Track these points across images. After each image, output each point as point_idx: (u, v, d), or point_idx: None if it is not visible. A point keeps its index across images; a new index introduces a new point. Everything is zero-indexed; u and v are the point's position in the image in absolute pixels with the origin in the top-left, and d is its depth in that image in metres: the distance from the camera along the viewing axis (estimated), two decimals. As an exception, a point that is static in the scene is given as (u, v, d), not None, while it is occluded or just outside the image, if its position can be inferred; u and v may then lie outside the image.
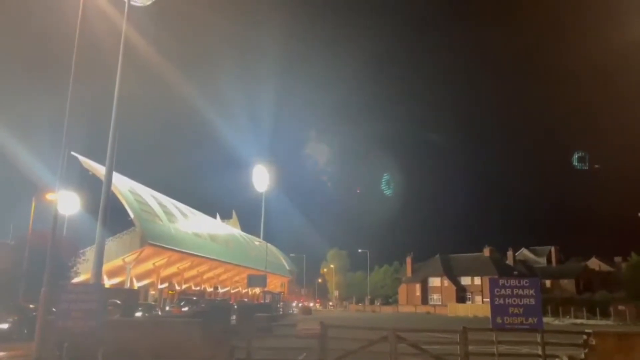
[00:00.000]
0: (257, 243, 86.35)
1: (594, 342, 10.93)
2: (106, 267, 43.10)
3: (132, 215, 50.49)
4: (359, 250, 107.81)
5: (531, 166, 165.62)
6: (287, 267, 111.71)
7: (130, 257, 50.72)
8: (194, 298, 46.17)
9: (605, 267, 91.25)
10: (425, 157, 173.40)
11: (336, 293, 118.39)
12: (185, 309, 38.14)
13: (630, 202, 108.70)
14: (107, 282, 49.86)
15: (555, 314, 52.31)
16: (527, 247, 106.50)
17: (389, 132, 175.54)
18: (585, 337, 11.23)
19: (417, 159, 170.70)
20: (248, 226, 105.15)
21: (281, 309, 55.00)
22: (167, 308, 43.71)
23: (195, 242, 64.54)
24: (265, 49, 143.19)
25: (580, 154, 35.27)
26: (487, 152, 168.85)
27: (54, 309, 13.64)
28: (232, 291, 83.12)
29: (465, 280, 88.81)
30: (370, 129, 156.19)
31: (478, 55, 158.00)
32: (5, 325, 22.19)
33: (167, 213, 60.81)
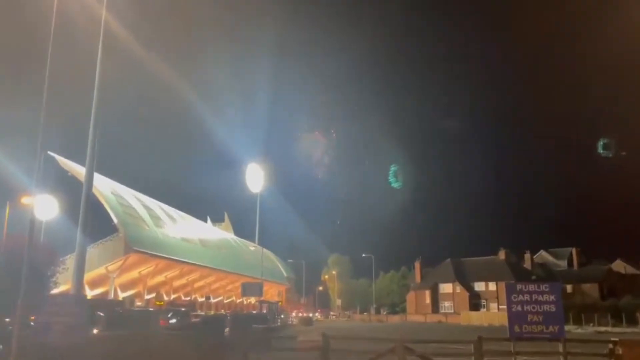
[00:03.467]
0: (251, 248, 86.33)
1: (620, 352, 10.95)
2: (88, 276, 43.08)
3: (115, 219, 50.49)
4: (363, 255, 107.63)
5: (550, 161, 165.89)
6: (285, 274, 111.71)
7: (113, 266, 50.70)
8: (183, 309, 46.03)
9: (631, 270, 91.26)
10: (434, 151, 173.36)
11: (338, 302, 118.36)
12: (173, 321, 38.01)
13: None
14: (89, 293, 49.83)
15: (577, 322, 52.40)
16: (545, 249, 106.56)
17: (393, 127, 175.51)
18: (611, 346, 11.24)
19: (426, 153, 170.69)
20: (242, 230, 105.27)
21: (279, 320, 55.04)
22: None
23: (185, 248, 64.58)
24: (260, 42, 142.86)
25: (605, 141, 35.50)
26: (502, 145, 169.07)
27: (31, 323, 13.66)
28: (226, 301, 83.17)
29: (479, 286, 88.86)
30: (373, 125, 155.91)
31: (496, 39, 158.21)
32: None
33: (154, 217, 60.83)
